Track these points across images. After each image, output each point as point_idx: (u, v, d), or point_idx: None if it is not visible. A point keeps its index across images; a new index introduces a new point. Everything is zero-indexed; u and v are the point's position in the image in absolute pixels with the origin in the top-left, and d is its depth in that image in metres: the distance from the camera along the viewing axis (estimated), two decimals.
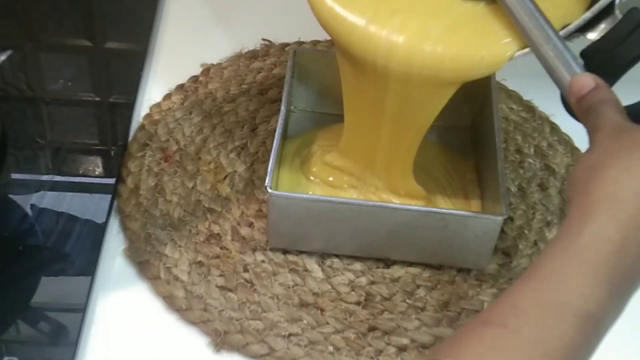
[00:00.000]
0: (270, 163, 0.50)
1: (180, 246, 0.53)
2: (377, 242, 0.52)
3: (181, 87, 0.65)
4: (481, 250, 0.52)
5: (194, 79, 0.66)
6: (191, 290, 0.51)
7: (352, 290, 0.52)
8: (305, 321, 0.50)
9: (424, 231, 0.51)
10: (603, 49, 0.42)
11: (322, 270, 0.53)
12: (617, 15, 0.42)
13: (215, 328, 0.49)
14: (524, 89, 0.67)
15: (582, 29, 0.44)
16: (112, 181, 0.57)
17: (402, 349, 0.49)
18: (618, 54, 0.41)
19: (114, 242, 0.54)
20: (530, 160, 0.61)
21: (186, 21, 0.72)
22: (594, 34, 0.43)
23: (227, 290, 0.51)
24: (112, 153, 0.61)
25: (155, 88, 0.65)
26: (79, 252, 0.53)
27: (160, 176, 0.58)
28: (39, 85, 0.67)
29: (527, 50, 0.44)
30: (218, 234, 0.54)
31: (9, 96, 0.65)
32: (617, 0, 0.42)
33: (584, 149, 0.66)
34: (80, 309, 0.50)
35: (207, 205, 0.56)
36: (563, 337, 0.33)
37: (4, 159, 0.59)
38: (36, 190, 0.57)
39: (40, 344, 0.50)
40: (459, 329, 0.36)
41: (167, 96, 0.64)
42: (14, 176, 0.59)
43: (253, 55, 0.68)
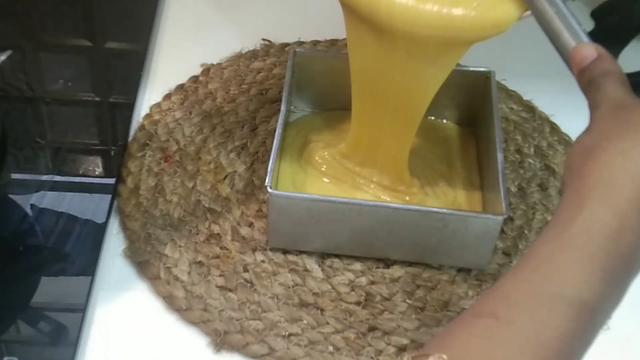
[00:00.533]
0: (270, 163, 0.50)
1: (180, 246, 0.53)
2: (377, 242, 0.52)
3: (181, 87, 0.65)
4: (481, 250, 0.52)
5: (194, 79, 0.66)
6: (191, 290, 0.51)
7: (352, 290, 0.52)
8: (305, 321, 0.50)
9: (424, 231, 0.51)
10: (617, 8, 0.40)
11: (322, 270, 0.53)
12: None
13: (215, 328, 0.49)
14: (524, 89, 0.67)
15: None
16: (112, 181, 0.57)
17: (402, 349, 0.49)
18: (635, 12, 0.39)
19: (114, 242, 0.54)
20: (530, 160, 0.61)
21: (186, 21, 0.72)
22: None
23: (227, 290, 0.51)
24: (112, 153, 0.62)
25: (155, 88, 0.65)
26: (79, 252, 0.53)
27: (160, 176, 0.58)
28: (39, 85, 0.67)
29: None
30: (218, 234, 0.54)
31: (9, 96, 0.65)
32: None
33: None
34: (80, 309, 0.50)
35: (207, 205, 0.56)
36: (557, 327, 0.32)
37: (4, 159, 0.59)
38: (36, 190, 0.57)
39: (40, 344, 0.50)
40: (451, 322, 0.35)
41: (167, 96, 0.64)
42: (14, 176, 0.59)
43: (253, 55, 0.68)
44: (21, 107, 0.65)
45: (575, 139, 0.36)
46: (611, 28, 0.39)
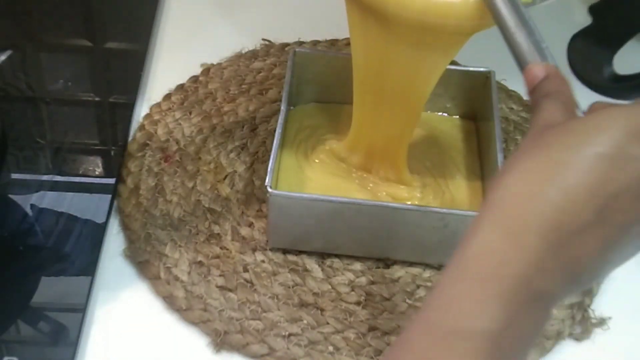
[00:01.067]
0: (270, 163, 0.50)
1: (180, 246, 0.53)
2: (377, 242, 0.52)
3: (181, 87, 0.65)
4: None
5: (194, 79, 0.66)
6: (191, 290, 0.51)
7: (352, 290, 0.52)
8: (305, 321, 0.50)
9: (424, 231, 0.51)
10: (616, 6, 0.37)
11: (322, 270, 0.53)
12: None
13: (215, 328, 0.49)
14: (524, 89, 0.66)
15: None
16: (112, 181, 0.57)
17: None
18: (634, 12, 0.37)
19: (114, 242, 0.54)
20: None
21: (186, 21, 0.72)
22: None
23: (227, 290, 0.51)
24: (112, 153, 0.61)
25: (155, 88, 0.65)
26: (79, 252, 0.53)
27: (160, 176, 0.58)
28: (39, 85, 0.67)
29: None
30: (218, 234, 0.54)
31: (9, 96, 0.65)
32: None
33: None
34: (80, 309, 0.50)
35: (207, 205, 0.56)
36: None
37: (4, 159, 0.59)
38: (36, 190, 0.57)
39: (40, 344, 0.50)
40: None
41: (167, 96, 0.64)
42: (14, 176, 0.59)
43: (253, 55, 0.68)
44: (21, 107, 0.65)
45: None
46: (609, 26, 0.38)
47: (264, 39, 0.70)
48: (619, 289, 0.54)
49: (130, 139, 0.60)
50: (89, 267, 0.52)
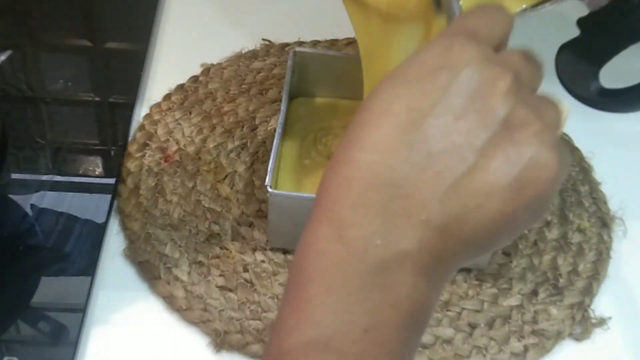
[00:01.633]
0: (270, 163, 0.50)
1: (180, 246, 0.53)
2: None
3: (181, 87, 0.65)
4: None
5: (194, 79, 0.66)
6: (191, 290, 0.51)
7: None
8: None
9: None
10: (603, 23, 0.37)
11: None
12: None
13: (215, 328, 0.49)
14: None
15: None
16: (112, 181, 0.57)
17: None
18: (619, 30, 0.36)
19: (114, 242, 0.54)
20: None
21: (186, 21, 0.72)
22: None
23: (227, 290, 0.51)
24: (112, 153, 0.61)
25: (155, 88, 0.65)
26: (79, 252, 0.53)
27: (160, 176, 0.58)
28: (39, 85, 0.67)
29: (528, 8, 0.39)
30: (218, 234, 0.54)
31: (9, 96, 0.65)
32: None
33: (584, 149, 0.67)
34: (80, 309, 0.50)
35: (207, 205, 0.56)
36: None
37: (4, 159, 0.59)
38: (36, 190, 0.57)
39: (40, 344, 0.50)
40: None
41: (167, 96, 0.64)
42: (14, 176, 0.59)
43: (253, 55, 0.68)
44: (21, 107, 0.65)
45: None
46: (595, 41, 0.37)
47: (264, 39, 0.70)
48: (619, 289, 0.54)
49: (130, 139, 0.60)
50: (89, 267, 0.52)
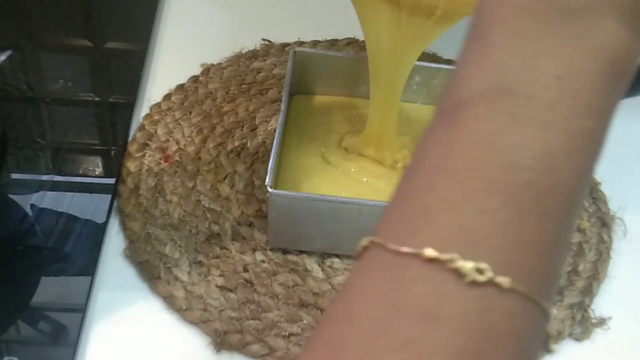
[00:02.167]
0: (270, 163, 0.50)
1: (180, 246, 0.53)
2: None
3: (181, 87, 0.65)
4: None
5: (194, 79, 0.66)
6: (191, 290, 0.51)
7: None
8: (305, 321, 0.50)
9: None
10: None
11: (322, 270, 0.53)
12: None
13: (215, 328, 0.49)
14: None
15: None
16: (112, 181, 0.57)
17: None
18: None
19: (114, 242, 0.54)
20: None
21: (186, 21, 0.72)
22: None
23: (227, 290, 0.51)
24: (112, 153, 0.61)
25: (155, 88, 0.65)
26: (79, 252, 0.53)
27: (160, 176, 0.58)
28: (39, 85, 0.67)
29: None
30: (218, 234, 0.54)
31: (9, 96, 0.65)
32: None
33: None
34: (80, 309, 0.50)
35: (207, 205, 0.56)
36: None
37: (4, 159, 0.59)
38: (36, 190, 0.57)
39: (40, 344, 0.50)
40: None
41: (167, 96, 0.64)
42: (14, 176, 0.59)
43: (253, 55, 0.68)
44: (21, 107, 0.65)
45: None
46: None
47: (264, 39, 0.70)
48: (619, 289, 0.54)
49: (130, 139, 0.60)
50: (89, 267, 0.52)
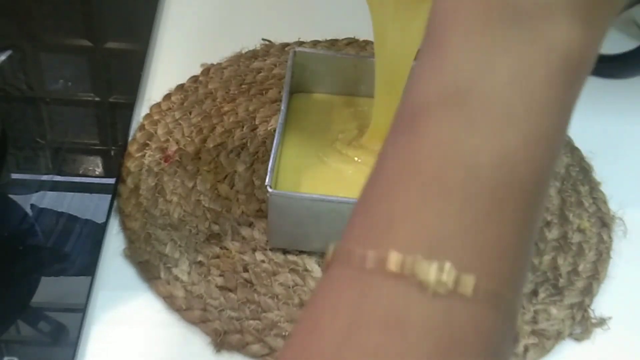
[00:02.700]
0: (270, 163, 0.50)
1: (180, 246, 0.53)
2: None
3: (181, 87, 0.65)
4: None
5: (194, 79, 0.66)
6: (191, 290, 0.51)
7: None
8: None
9: None
10: None
11: (323, 270, 0.53)
12: None
13: (215, 328, 0.49)
14: None
15: None
16: (112, 181, 0.57)
17: None
18: None
19: (114, 242, 0.54)
20: None
21: (186, 21, 0.72)
22: None
23: (227, 290, 0.51)
24: (112, 153, 0.61)
25: (155, 88, 0.65)
26: (79, 252, 0.53)
27: (160, 176, 0.58)
28: (39, 85, 0.67)
29: None
30: (218, 234, 0.54)
31: (9, 96, 0.65)
32: None
33: (584, 149, 0.67)
34: (80, 309, 0.50)
35: (207, 205, 0.56)
36: None
37: (4, 159, 0.59)
38: (36, 190, 0.57)
39: (40, 344, 0.50)
40: None
41: (167, 96, 0.64)
42: (14, 176, 0.59)
43: (253, 55, 0.68)
44: (21, 107, 0.65)
45: None
46: None
47: (264, 39, 0.70)
48: (619, 289, 0.54)
49: (130, 139, 0.60)
50: (89, 267, 0.52)
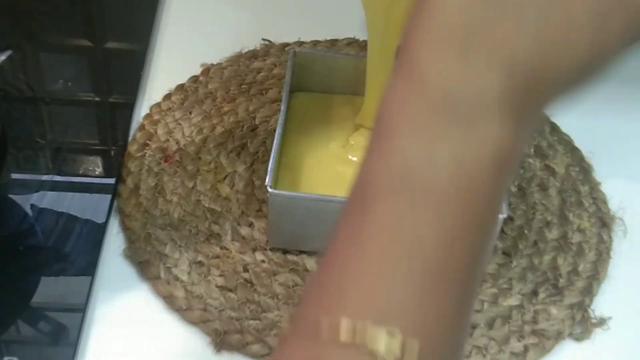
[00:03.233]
0: (270, 163, 0.50)
1: (180, 246, 0.53)
2: None
3: (181, 87, 0.65)
4: None
5: (194, 79, 0.66)
6: (191, 290, 0.51)
7: None
8: None
9: None
10: None
11: None
12: None
13: (215, 328, 0.49)
14: None
15: None
16: (112, 181, 0.57)
17: None
18: None
19: (114, 242, 0.54)
20: (530, 160, 0.61)
21: (186, 21, 0.72)
22: None
23: (227, 290, 0.51)
24: (112, 153, 0.62)
25: (155, 88, 0.65)
26: (79, 252, 0.53)
27: (160, 176, 0.58)
28: (39, 85, 0.67)
29: None
30: (218, 234, 0.54)
31: (9, 96, 0.65)
32: None
33: (584, 149, 0.67)
34: (80, 309, 0.50)
35: (207, 205, 0.56)
36: None
37: (4, 159, 0.59)
38: (36, 190, 0.57)
39: (40, 344, 0.50)
40: None
41: (167, 96, 0.64)
42: (14, 176, 0.59)
43: (253, 55, 0.68)
44: (21, 107, 0.65)
45: None
46: None
47: (264, 39, 0.70)
48: (619, 289, 0.54)
49: (130, 139, 0.60)
50: (89, 267, 0.52)
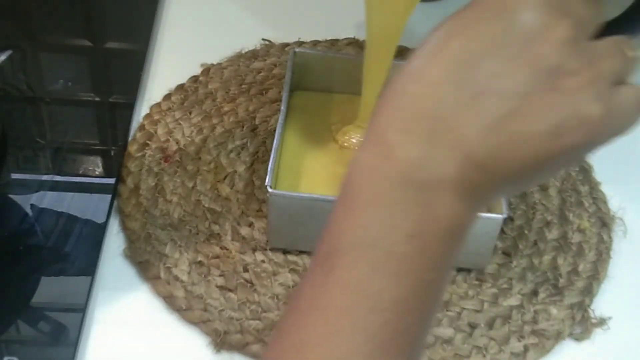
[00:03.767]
0: (270, 163, 0.50)
1: (180, 246, 0.53)
2: None
3: (181, 87, 0.65)
4: (481, 250, 0.52)
5: (194, 79, 0.66)
6: (191, 290, 0.51)
7: None
8: None
9: None
10: None
11: None
12: None
13: (215, 328, 0.49)
14: None
15: None
16: (112, 181, 0.57)
17: None
18: None
19: (114, 242, 0.54)
20: None
21: (186, 21, 0.72)
22: None
23: (227, 290, 0.51)
24: (112, 153, 0.62)
25: (155, 88, 0.65)
26: (79, 252, 0.53)
27: (160, 176, 0.58)
28: (39, 85, 0.67)
29: None
30: (218, 234, 0.54)
31: (9, 96, 0.65)
32: None
33: None
34: (80, 309, 0.50)
35: (207, 205, 0.56)
36: None
37: (4, 159, 0.59)
38: (36, 190, 0.57)
39: (40, 344, 0.50)
40: None
41: (167, 96, 0.64)
42: (14, 176, 0.59)
43: (253, 55, 0.68)
44: (21, 107, 0.65)
45: None
46: None
47: (264, 39, 0.70)
48: (619, 289, 0.54)
49: (130, 139, 0.60)
50: (89, 267, 0.52)
